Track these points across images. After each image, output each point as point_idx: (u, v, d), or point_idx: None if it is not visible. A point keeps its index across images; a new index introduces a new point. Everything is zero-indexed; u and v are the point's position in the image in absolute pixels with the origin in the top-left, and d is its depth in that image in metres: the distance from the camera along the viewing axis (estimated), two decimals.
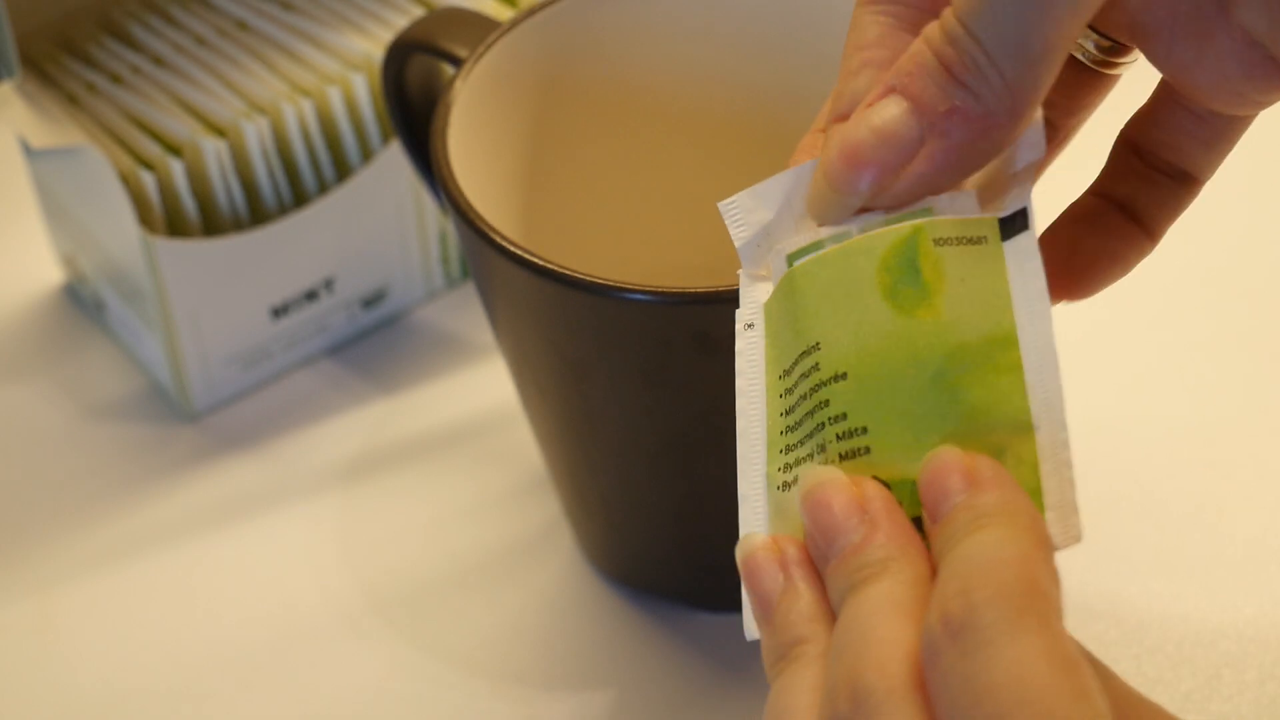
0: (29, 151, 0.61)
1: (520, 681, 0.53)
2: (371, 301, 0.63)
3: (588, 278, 0.44)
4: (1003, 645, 0.30)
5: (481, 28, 0.52)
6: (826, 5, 0.52)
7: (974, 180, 0.38)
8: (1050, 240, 0.41)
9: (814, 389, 0.36)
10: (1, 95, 0.57)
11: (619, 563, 0.55)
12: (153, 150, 0.57)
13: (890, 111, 0.36)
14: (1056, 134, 0.41)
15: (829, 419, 0.35)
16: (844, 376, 0.35)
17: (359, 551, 0.57)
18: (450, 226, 0.60)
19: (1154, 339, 0.61)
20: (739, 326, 0.38)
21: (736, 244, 0.39)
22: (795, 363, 0.37)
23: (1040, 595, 0.31)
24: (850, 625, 0.32)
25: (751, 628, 0.36)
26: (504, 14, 0.60)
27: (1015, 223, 0.36)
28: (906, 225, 0.36)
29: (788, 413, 0.37)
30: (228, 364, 0.61)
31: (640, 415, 0.48)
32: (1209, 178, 0.41)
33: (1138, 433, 0.58)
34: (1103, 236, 0.41)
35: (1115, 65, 0.40)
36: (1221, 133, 0.40)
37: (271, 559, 0.57)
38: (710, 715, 0.52)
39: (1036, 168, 0.37)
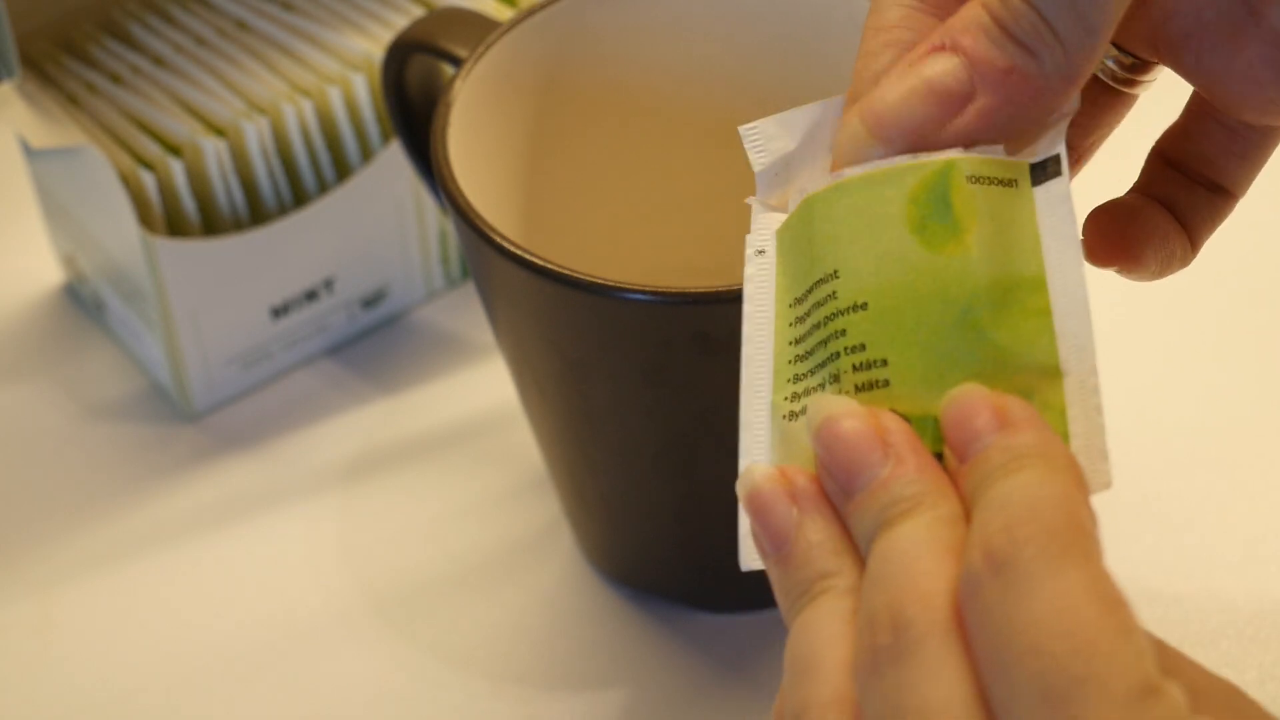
0: (29, 151, 0.61)
1: (520, 681, 0.53)
2: (371, 301, 0.63)
3: (588, 278, 0.44)
4: (1046, 580, 0.29)
5: (481, 28, 0.52)
6: (826, 5, 0.52)
7: None
8: (1102, 210, 0.40)
9: (829, 317, 0.35)
10: (1, 95, 0.57)
11: (619, 563, 0.55)
12: (153, 150, 0.57)
13: (943, 65, 0.36)
14: (1074, 153, 0.41)
15: (845, 349, 0.35)
16: (864, 307, 0.35)
17: (359, 551, 0.57)
18: (450, 226, 0.60)
19: (1154, 340, 0.61)
20: (749, 253, 0.38)
21: (755, 169, 0.38)
22: (809, 290, 0.36)
23: (1084, 534, 0.30)
24: (889, 557, 0.32)
25: (750, 558, 0.35)
26: (504, 14, 0.60)
27: (1047, 168, 0.36)
28: (939, 160, 0.36)
29: (798, 341, 0.36)
30: (228, 364, 0.61)
31: (640, 415, 0.48)
32: (1244, 192, 0.41)
33: (1138, 433, 0.58)
34: (1152, 215, 0.41)
35: (1136, 84, 0.40)
36: (1255, 145, 0.40)
37: (271, 559, 0.57)
38: (710, 715, 0.52)
39: (1066, 120, 0.37)
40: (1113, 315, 0.62)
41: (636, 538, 0.54)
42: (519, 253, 0.45)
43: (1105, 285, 0.63)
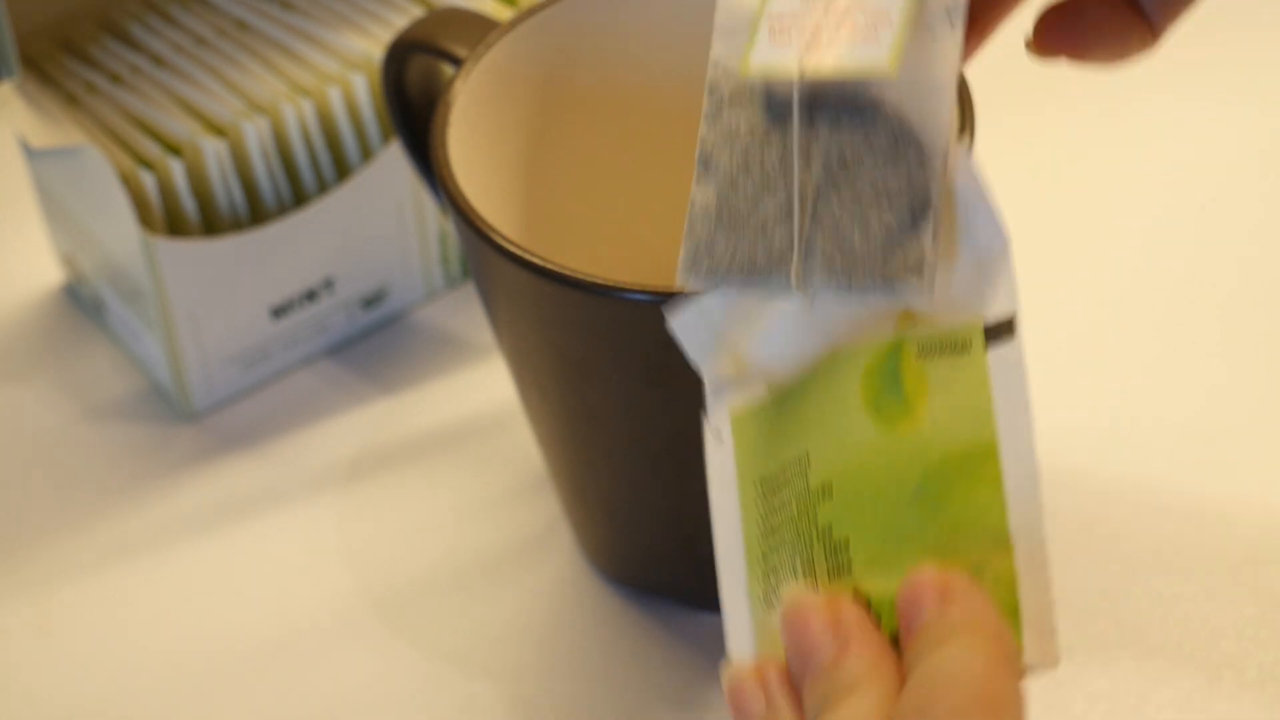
0: (29, 151, 0.61)
1: (520, 681, 0.53)
2: (371, 301, 0.63)
3: (588, 278, 0.44)
4: None
5: (481, 28, 0.52)
6: None
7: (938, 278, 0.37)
8: (1051, 9, 0.40)
9: (800, 499, 0.36)
10: (1, 95, 0.57)
11: (619, 563, 0.55)
12: (153, 150, 0.57)
13: None
14: (977, 25, 0.40)
15: (816, 533, 0.36)
16: (829, 490, 0.36)
17: (359, 551, 0.57)
18: (450, 226, 0.60)
19: (1156, 339, 0.61)
20: (707, 434, 0.39)
21: (693, 361, 0.39)
22: (781, 472, 0.37)
23: (997, 709, 0.32)
24: None
25: None
26: (504, 14, 0.60)
27: (1000, 332, 0.36)
28: (890, 338, 0.36)
29: (767, 518, 0.37)
30: (228, 364, 0.61)
31: (641, 415, 0.48)
32: None
33: (1138, 433, 0.58)
34: (1100, 7, 0.40)
35: None
36: None
37: (271, 559, 0.57)
38: (710, 715, 0.52)
39: (1013, 280, 0.36)
40: (1114, 312, 0.62)
41: (636, 538, 0.54)
42: (519, 253, 0.45)
43: (1108, 282, 0.63)
